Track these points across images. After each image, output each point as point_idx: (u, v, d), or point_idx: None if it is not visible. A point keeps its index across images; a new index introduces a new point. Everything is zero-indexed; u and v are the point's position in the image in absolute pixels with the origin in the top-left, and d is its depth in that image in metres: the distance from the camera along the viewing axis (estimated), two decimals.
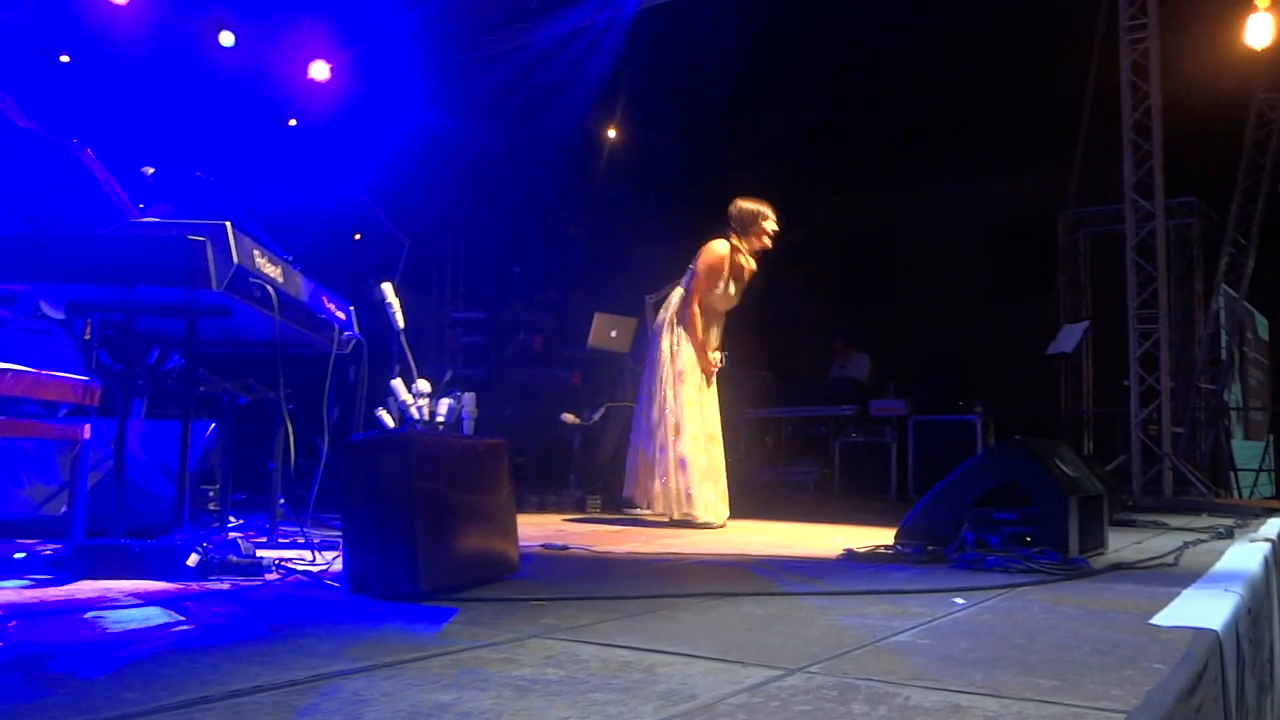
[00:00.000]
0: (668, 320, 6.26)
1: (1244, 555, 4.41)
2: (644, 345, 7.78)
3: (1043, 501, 3.88)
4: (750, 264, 6.30)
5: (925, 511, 4.16)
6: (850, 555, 4.08)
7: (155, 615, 2.52)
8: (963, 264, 16.63)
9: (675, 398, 6.06)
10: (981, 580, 3.32)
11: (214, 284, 3.04)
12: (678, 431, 6.01)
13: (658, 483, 6.00)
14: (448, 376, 4.77)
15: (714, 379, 6.27)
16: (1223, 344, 12.19)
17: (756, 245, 6.27)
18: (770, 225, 6.28)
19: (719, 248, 6.23)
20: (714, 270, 6.19)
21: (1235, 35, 9.20)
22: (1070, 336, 9.84)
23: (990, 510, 3.92)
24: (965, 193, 16.05)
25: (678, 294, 6.31)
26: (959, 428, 9.49)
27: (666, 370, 6.13)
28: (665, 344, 6.21)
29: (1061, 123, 12.47)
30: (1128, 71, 9.31)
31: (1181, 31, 9.62)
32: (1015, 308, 13.76)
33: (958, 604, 2.88)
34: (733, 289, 6.29)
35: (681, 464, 5.96)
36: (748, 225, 6.25)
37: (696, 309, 6.14)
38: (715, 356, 6.29)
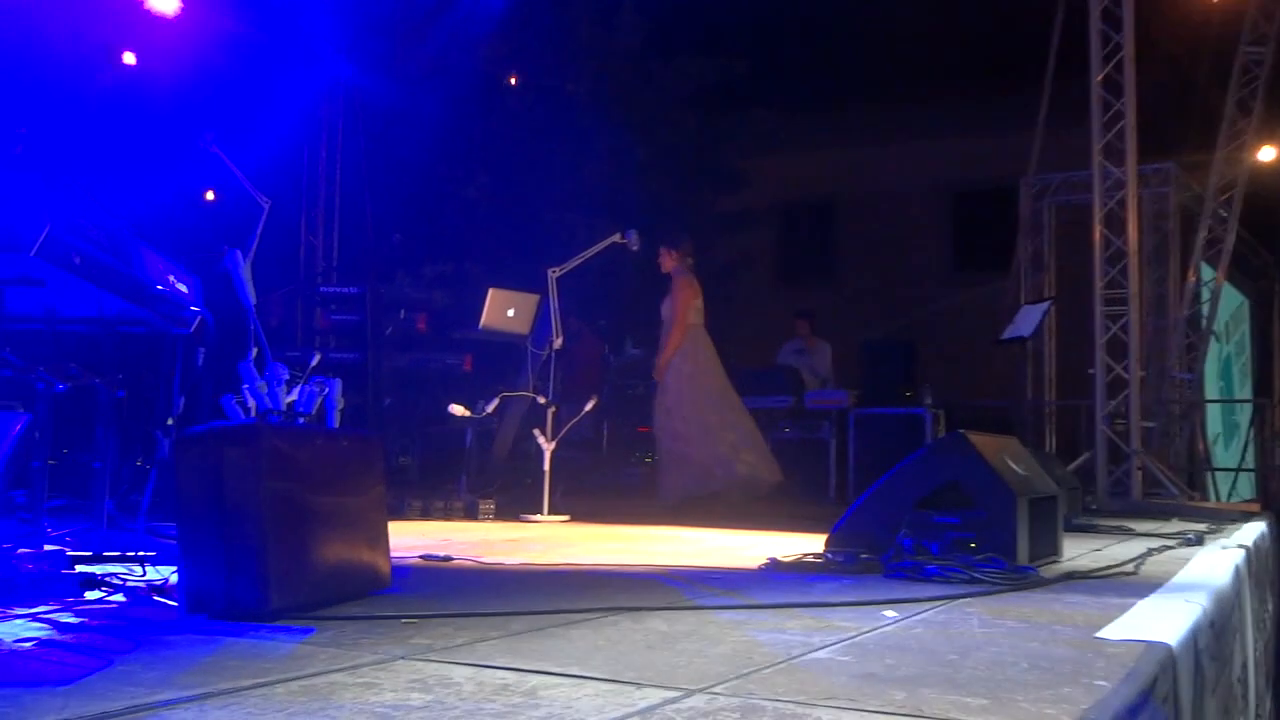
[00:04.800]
0: None
1: (1211, 564, 4.58)
2: (546, 326, 7.80)
3: (988, 504, 3.98)
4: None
5: (859, 516, 4.25)
6: (774, 565, 4.16)
7: None
8: (913, 235, 16.94)
9: None
10: (918, 591, 3.41)
11: (23, 247, 2.97)
12: None
13: None
14: (315, 360, 4.72)
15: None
16: (1201, 327, 12.59)
17: None
18: None
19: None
20: None
21: None
22: (1028, 319, 10.04)
23: (930, 514, 4.01)
24: (917, 154, 16.32)
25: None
26: (906, 422, 9.64)
27: None
28: None
29: (1026, 74, 12.73)
30: (1098, 19, 9.53)
31: None
32: (972, 285, 14.07)
33: (888, 617, 2.95)
34: None
35: None
36: None
37: None
38: None
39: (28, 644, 2.47)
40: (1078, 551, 4.89)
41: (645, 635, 2.68)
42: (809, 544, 4.62)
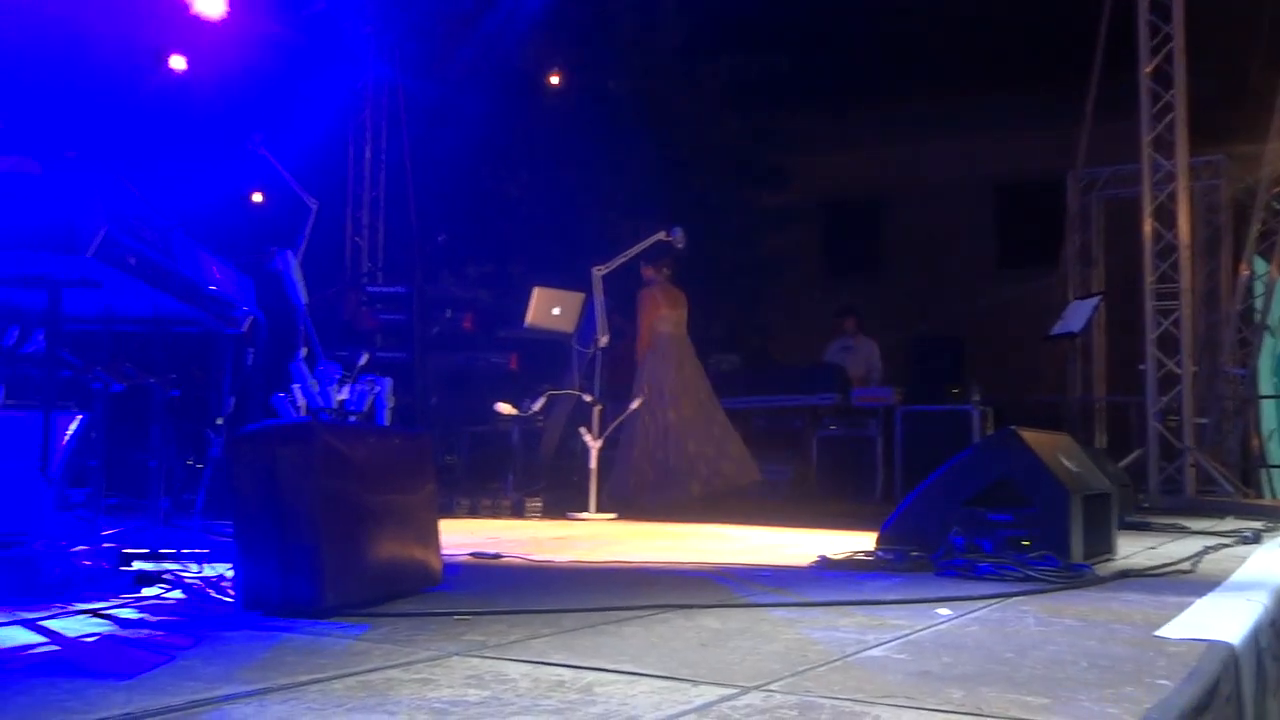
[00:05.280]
0: None
1: (1270, 561, 4.52)
2: (591, 324, 7.81)
3: (1041, 501, 3.95)
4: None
5: (909, 513, 4.23)
6: (824, 563, 4.14)
7: (12, 636, 2.51)
8: (960, 230, 16.82)
9: None
10: (970, 589, 3.39)
11: (81, 249, 3.00)
12: None
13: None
14: (363, 360, 4.77)
15: None
16: (1255, 322, 12.39)
17: None
18: None
19: None
20: None
21: None
22: (1078, 314, 9.93)
23: (982, 511, 3.98)
24: (962, 149, 16.20)
25: None
26: (953, 419, 9.55)
27: None
28: None
29: (1073, 67, 12.58)
30: (1146, 10, 9.41)
31: None
32: (1019, 281, 13.93)
33: (942, 615, 2.93)
34: None
35: None
36: None
37: None
38: None
39: (91, 639, 2.50)
40: (1132, 549, 4.84)
41: (698, 633, 2.68)
42: (857, 542, 4.60)
